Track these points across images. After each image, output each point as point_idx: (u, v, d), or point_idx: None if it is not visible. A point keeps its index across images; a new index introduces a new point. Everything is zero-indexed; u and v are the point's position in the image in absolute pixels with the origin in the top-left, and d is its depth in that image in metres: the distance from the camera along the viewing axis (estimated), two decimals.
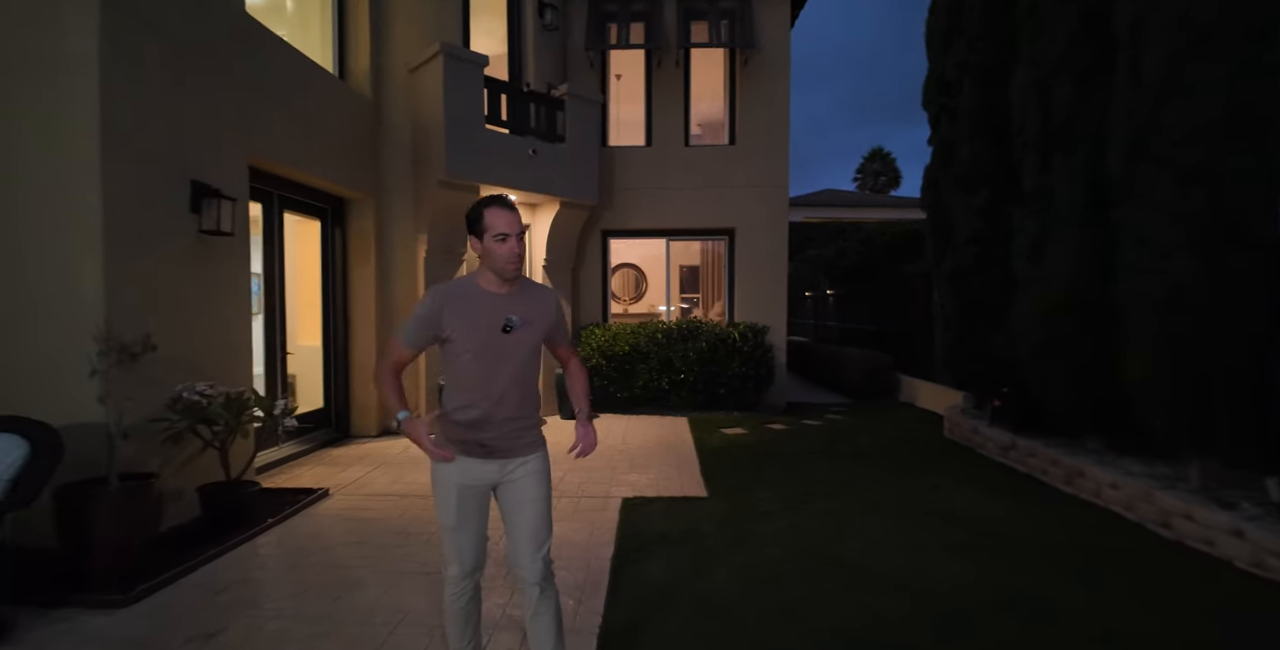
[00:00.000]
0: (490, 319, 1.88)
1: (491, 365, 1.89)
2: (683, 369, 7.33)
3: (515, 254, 1.87)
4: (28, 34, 3.26)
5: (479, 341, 1.88)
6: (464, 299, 1.90)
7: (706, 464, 5.22)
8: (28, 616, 2.68)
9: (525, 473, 1.97)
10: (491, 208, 1.86)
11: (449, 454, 1.87)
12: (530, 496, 1.98)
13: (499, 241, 1.84)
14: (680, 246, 9.41)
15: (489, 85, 6.27)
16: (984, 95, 5.61)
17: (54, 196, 3.28)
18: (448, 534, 1.97)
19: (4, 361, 3.30)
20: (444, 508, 1.95)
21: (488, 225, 1.84)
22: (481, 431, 1.90)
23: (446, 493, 1.94)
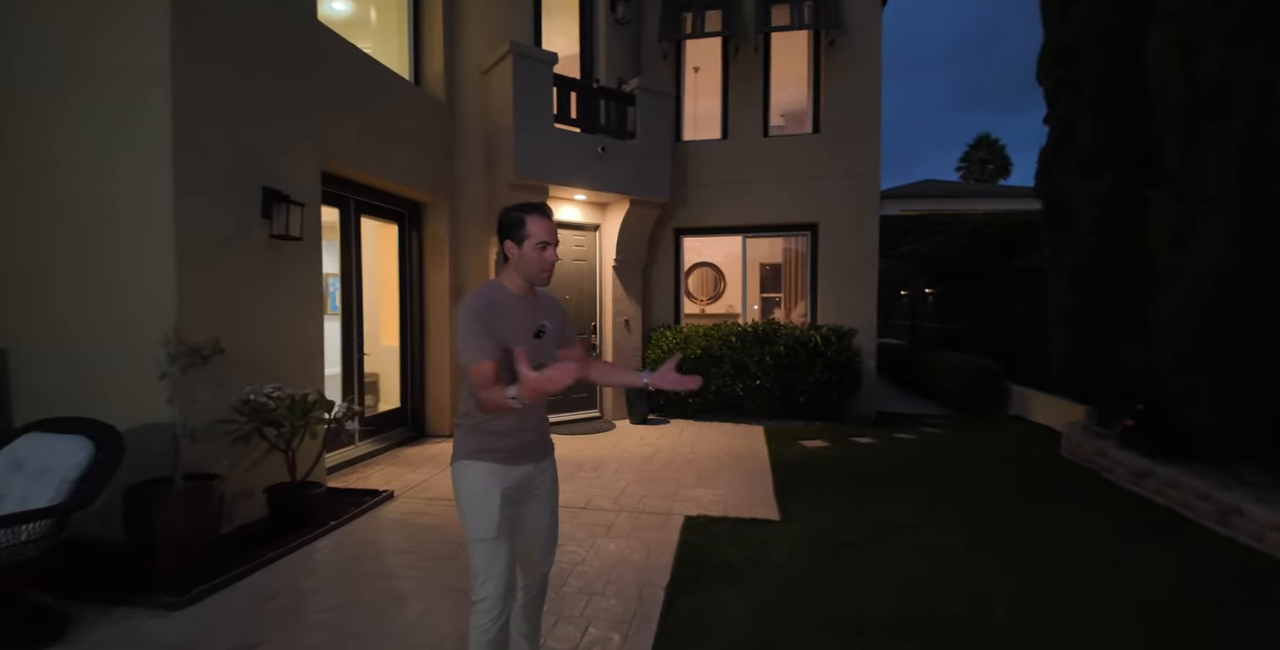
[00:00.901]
0: (526, 324, 1.90)
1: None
2: (758, 374, 6.89)
3: (550, 262, 1.90)
4: (103, 44, 3.40)
5: (519, 346, 1.79)
6: (503, 305, 1.89)
7: (781, 481, 4.79)
8: (91, 614, 2.74)
9: (549, 475, 2.09)
10: (534, 215, 1.87)
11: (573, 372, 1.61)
12: (551, 497, 2.10)
13: (540, 249, 1.87)
14: (762, 244, 8.94)
15: (558, 83, 6.14)
16: (1109, 63, 4.86)
17: (129, 202, 3.40)
18: (485, 547, 1.86)
19: (82, 362, 3.46)
20: (483, 518, 1.87)
21: (530, 232, 1.86)
22: (519, 437, 1.92)
23: (487, 501, 1.87)
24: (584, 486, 4.63)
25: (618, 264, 7.06)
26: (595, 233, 7.19)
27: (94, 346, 3.45)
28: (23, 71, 3.50)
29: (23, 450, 2.77)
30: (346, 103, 4.80)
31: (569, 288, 7.00)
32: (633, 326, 7.23)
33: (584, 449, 5.80)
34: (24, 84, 3.50)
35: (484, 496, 1.88)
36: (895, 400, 8.98)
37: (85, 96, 3.42)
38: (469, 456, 1.91)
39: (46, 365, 3.54)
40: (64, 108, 3.45)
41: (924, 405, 8.69)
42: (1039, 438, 6.42)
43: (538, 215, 1.87)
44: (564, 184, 6.20)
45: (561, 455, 5.45)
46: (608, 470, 5.08)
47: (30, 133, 3.49)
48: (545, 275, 1.91)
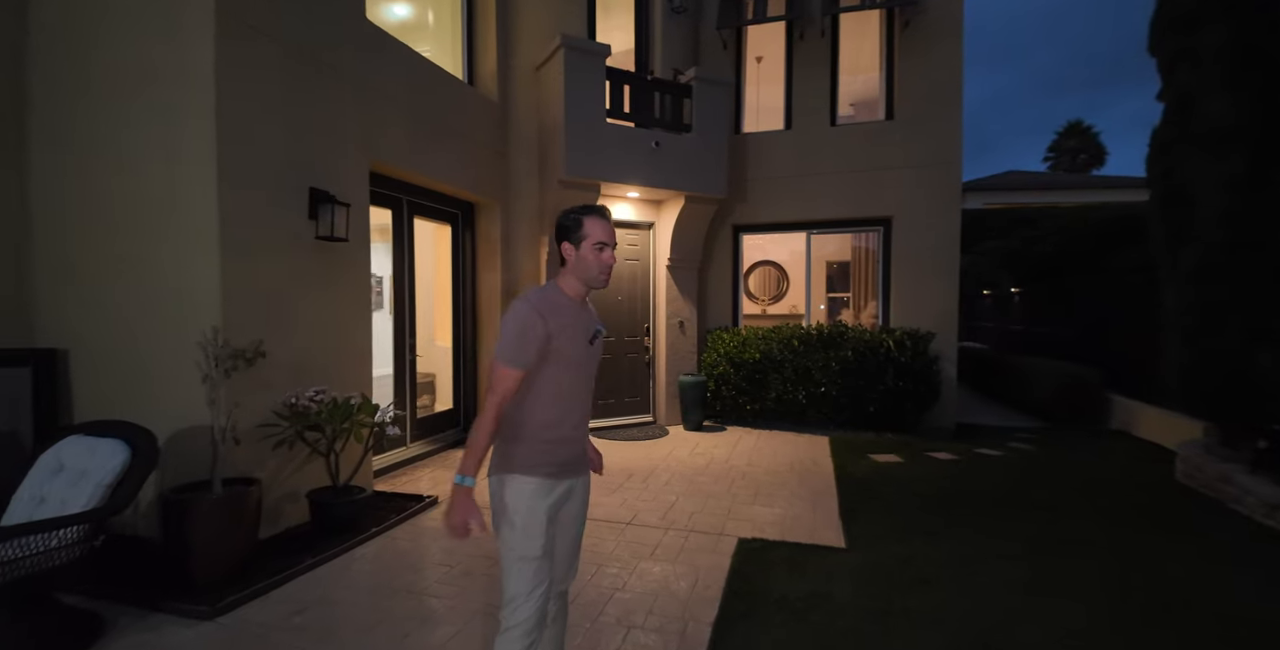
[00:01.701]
0: (581, 328, 1.85)
1: (585, 376, 1.90)
2: (823, 381, 6.42)
3: (610, 265, 1.86)
4: (149, 46, 3.41)
5: (576, 352, 1.84)
6: (561, 308, 1.82)
7: (848, 501, 4.36)
8: (127, 618, 2.72)
9: (583, 487, 1.98)
10: (592, 216, 1.85)
11: (465, 534, 1.73)
12: (581, 513, 1.99)
13: (598, 250, 1.83)
14: (829, 240, 8.44)
15: (611, 77, 5.91)
16: (1241, 27, 4.18)
17: (174, 204, 3.40)
18: (528, 568, 1.76)
19: (135, 364, 3.49)
20: (529, 537, 1.77)
21: (588, 233, 1.83)
22: (570, 447, 1.88)
23: (533, 518, 1.79)
24: (631, 498, 4.37)
25: (672, 263, 6.76)
26: (649, 231, 6.92)
27: (146, 348, 3.47)
28: (87, 79, 3.57)
29: (65, 452, 2.77)
30: (396, 103, 4.73)
31: (621, 288, 6.76)
32: (687, 328, 6.92)
33: (634, 456, 5.54)
34: (89, 90, 3.57)
35: (531, 513, 1.79)
36: (978, 410, 8.26)
37: (140, 101, 3.45)
38: (516, 470, 1.81)
39: (104, 366, 3.60)
40: (123, 112, 3.49)
41: (1011, 416, 7.94)
42: (1148, 458, 5.67)
43: (596, 216, 1.84)
44: (616, 181, 5.97)
45: (610, 462, 5.29)
46: (658, 481, 4.80)
47: (93, 137, 3.56)
48: (604, 278, 1.86)
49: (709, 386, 6.86)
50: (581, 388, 1.88)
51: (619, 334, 6.76)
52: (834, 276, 11.42)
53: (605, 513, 4.07)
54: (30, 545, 2.37)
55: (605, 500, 4.31)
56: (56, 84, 3.64)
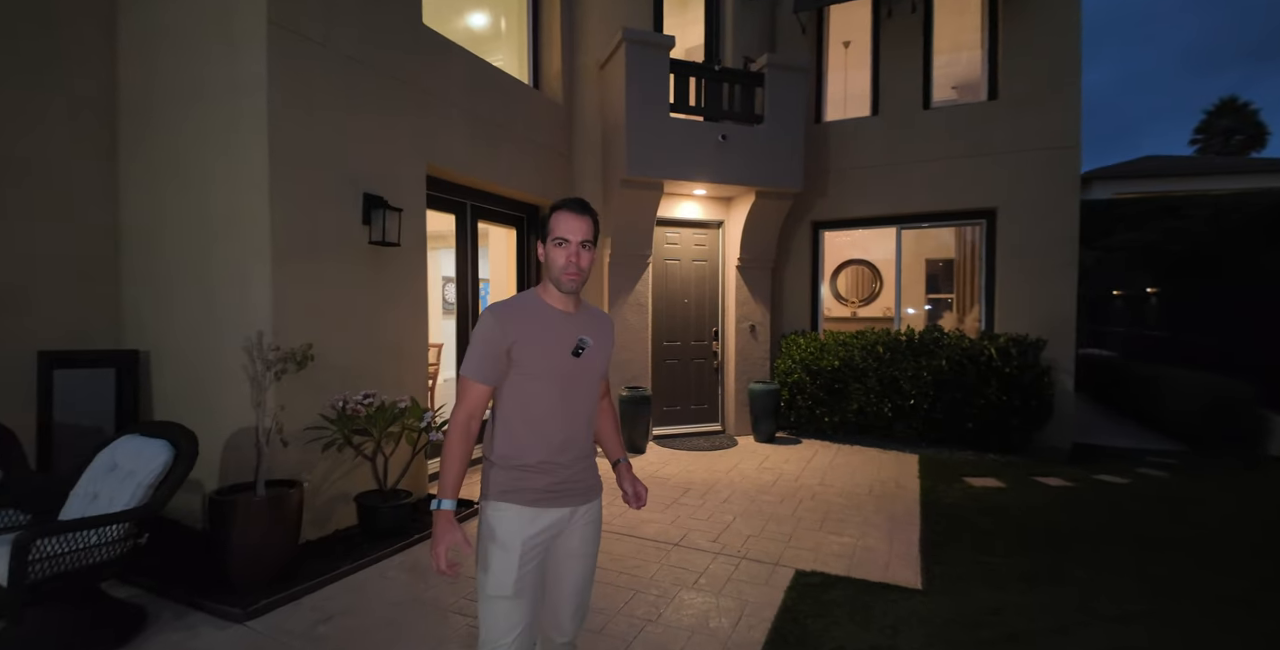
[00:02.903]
0: (560, 339, 1.64)
1: (564, 393, 1.64)
2: (912, 392, 5.79)
3: (571, 263, 1.61)
4: (207, 59, 3.54)
5: (550, 365, 1.62)
6: (530, 315, 1.64)
7: (932, 532, 3.81)
8: (168, 614, 2.78)
9: (586, 520, 1.71)
10: (559, 210, 1.64)
11: (449, 570, 1.54)
12: (582, 550, 1.71)
13: (556, 246, 1.62)
14: (931, 236, 7.71)
15: (676, 69, 5.63)
16: None
17: (232, 211, 3.51)
18: (499, 607, 1.56)
19: (200, 366, 3.64)
20: (500, 571, 1.56)
21: (550, 227, 1.64)
22: (552, 473, 1.63)
23: (507, 551, 1.57)
24: (684, 516, 4.07)
25: (742, 263, 6.37)
26: (717, 230, 6.57)
27: (209, 351, 3.60)
28: (160, 97, 3.78)
29: (119, 452, 2.87)
30: (454, 107, 4.71)
31: (688, 291, 6.46)
32: (759, 333, 6.50)
33: (696, 468, 5.22)
34: (159, 104, 3.77)
35: (504, 546, 1.58)
36: (1101, 429, 7.21)
37: (203, 115, 3.59)
38: (491, 495, 1.64)
39: (176, 368, 3.79)
40: (189, 127, 3.66)
41: (1142, 437, 6.85)
42: None
43: (563, 209, 1.64)
44: (680, 178, 5.68)
45: (669, 474, 5.00)
46: (716, 497, 4.45)
47: (165, 152, 3.76)
48: (568, 280, 1.62)
49: (782, 395, 6.41)
50: (565, 406, 1.64)
51: (684, 338, 6.46)
52: (938, 276, 10.52)
53: (654, 530, 3.80)
54: (76, 541, 2.44)
55: (656, 516, 4.04)
56: (136, 105, 3.89)
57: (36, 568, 2.30)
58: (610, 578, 3.15)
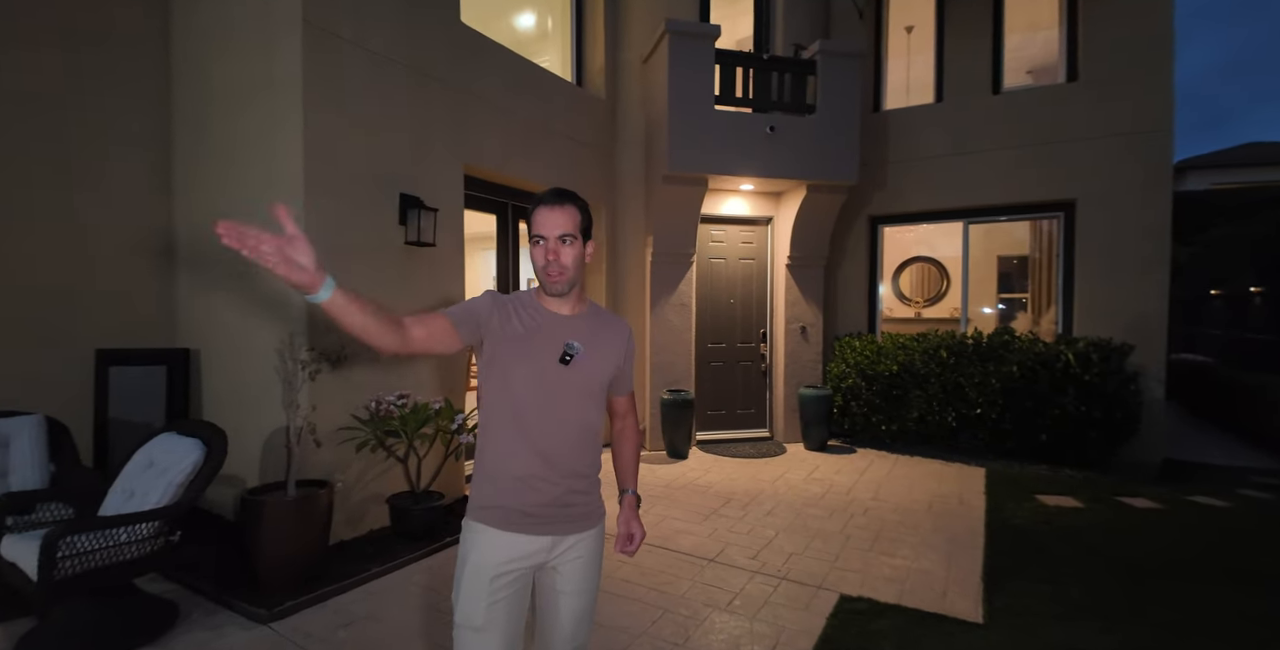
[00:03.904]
0: (547, 341, 1.47)
1: (546, 403, 1.47)
2: (979, 401, 5.35)
3: (551, 262, 1.44)
4: (248, 59, 3.59)
5: (531, 370, 1.46)
6: (522, 311, 1.49)
7: (997, 557, 3.45)
8: (199, 612, 2.80)
9: (575, 554, 1.52)
10: (538, 205, 1.48)
11: (266, 253, 1.10)
12: (575, 587, 1.52)
13: (534, 244, 1.47)
14: (1003, 231, 7.17)
15: (721, 60, 5.41)
16: None
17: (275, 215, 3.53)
18: (467, 637, 1.43)
19: (242, 365, 3.70)
20: (468, 600, 1.43)
21: (530, 224, 1.48)
22: (531, 492, 1.46)
23: (476, 578, 1.43)
24: (723, 529, 3.85)
25: (792, 261, 6.06)
26: (766, 227, 6.28)
27: (249, 351, 3.65)
28: (203, 94, 3.88)
29: (155, 449, 2.91)
30: (492, 107, 4.65)
31: (734, 290, 6.21)
32: (810, 335, 6.18)
33: (739, 477, 4.98)
34: (207, 105, 3.87)
35: (475, 571, 1.44)
36: (1195, 442, 6.50)
37: (242, 112, 3.65)
38: (470, 513, 1.52)
39: (221, 366, 3.88)
40: (231, 123, 3.74)
41: (1244, 453, 6.12)
42: None
43: (541, 204, 1.48)
44: (725, 173, 5.45)
45: (710, 482, 4.78)
46: (759, 510, 4.21)
47: (211, 148, 3.85)
48: (550, 281, 1.46)
49: (835, 401, 6.07)
50: (547, 416, 1.47)
51: (730, 340, 6.21)
52: (1011, 274, 9.84)
53: (689, 543, 3.60)
54: (107, 538, 2.48)
55: (693, 528, 3.84)
56: (187, 107, 4.00)
57: (68, 564, 2.34)
58: (638, 593, 2.98)
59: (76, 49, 3.64)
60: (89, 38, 3.69)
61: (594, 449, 1.56)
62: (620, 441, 1.72)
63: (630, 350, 1.62)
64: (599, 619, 2.74)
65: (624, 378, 1.64)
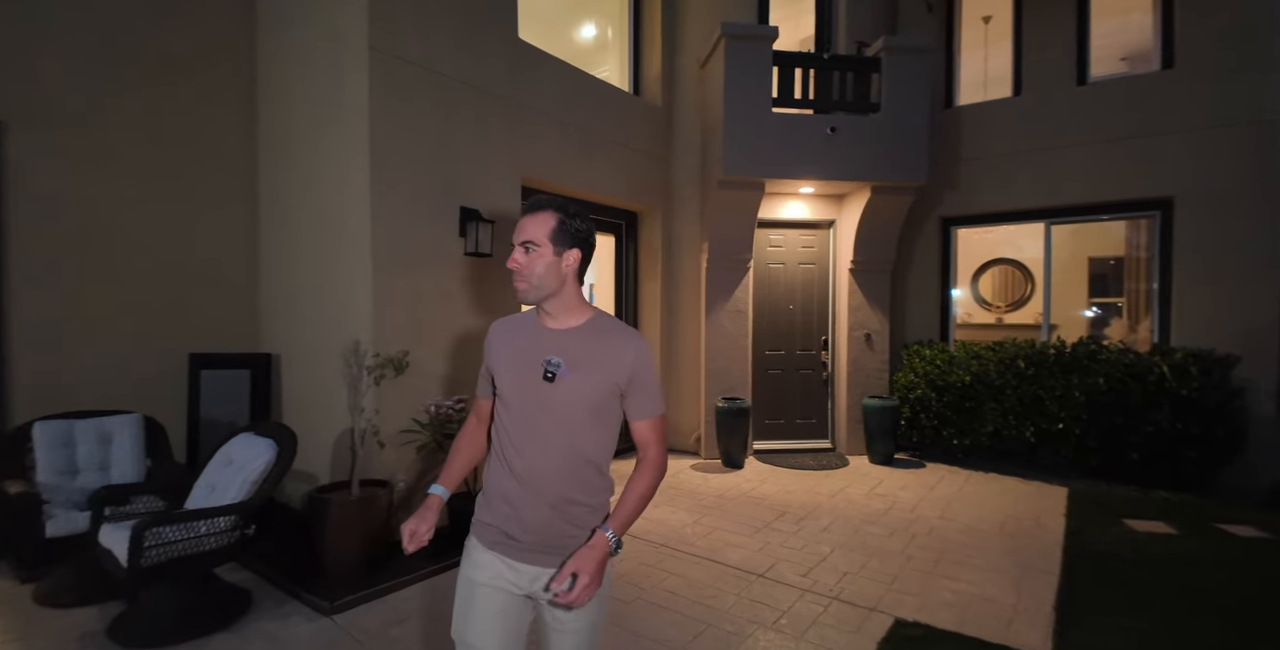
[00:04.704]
0: (530, 360, 1.42)
1: (530, 424, 1.40)
2: (1061, 415, 4.98)
3: (514, 272, 1.41)
4: (320, 83, 3.84)
5: (512, 387, 1.43)
6: (513, 332, 1.51)
7: (1074, 585, 3.19)
8: (269, 602, 2.99)
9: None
10: (521, 214, 1.44)
11: (407, 543, 1.42)
12: (570, 627, 1.42)
13: (512, 252, 1.43)
14: (1092, 231, 6.67)
15: (780, 61, 5.30)
16: None
17: (341, 225, 3.76)
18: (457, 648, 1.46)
19: (316, 370, 3.93)
20: (458, 613, 1.46)
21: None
22: (514, 516, 1.40)
23: (464, 591, 1.46)
24: (775, 543, 3.75)
25: (855, 266, 5.85)
26: (827, 230, 6.09)
27: (323, 356, 3.88)
28: (283, 115, 4.17)
29: (235, 448, 3.15)
30: (549, 118, 4.76)
31: (793, 296, 6.06)
32: (875, 342, 5.93)
33: (796, 489, 4.84)
34: (287, 125, 4.16)
35: (464, 585, 1.47)
36: None
37: (315, 132, 3.91)
38: (471, 527, 1.53)
39: (298, 370, 4.14)
40: (305, 143, 4.00)
41: None
42: None
43: (524, 211, 1.44)
44: (784, 176, 5.34)
45: (765, 494, 4.68)
46: (814, 525, 4.08)
47: (290, 165, 4.14)
48: (514, 288, 1.43)
49: (903, 412, 5.80)
50: (530, 435, 1.39)
51: (789, 347, 6.06)
52: (1106, 277, 9.12)
53: (738, 557, 3.53)
54: (189, 530, 2.70)
55: (743, 542, 3.77)
56: (270, 127, 4.31)
57: (154, 552, 2.56)
58: (681, 606, 2.95)
59: (180, 79, 4.00)
60: (192, 67, 4.05)
61: (589, 477, 1.43)
62: (632, 476, 1.45)
63: (639, 367, 1.42)
64: (638, 629, 2.74)
65: (638, 400, 1.44)
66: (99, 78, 3.69)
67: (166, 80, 3.95)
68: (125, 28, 3.78)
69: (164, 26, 3.93)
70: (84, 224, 3.65)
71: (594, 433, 1.42)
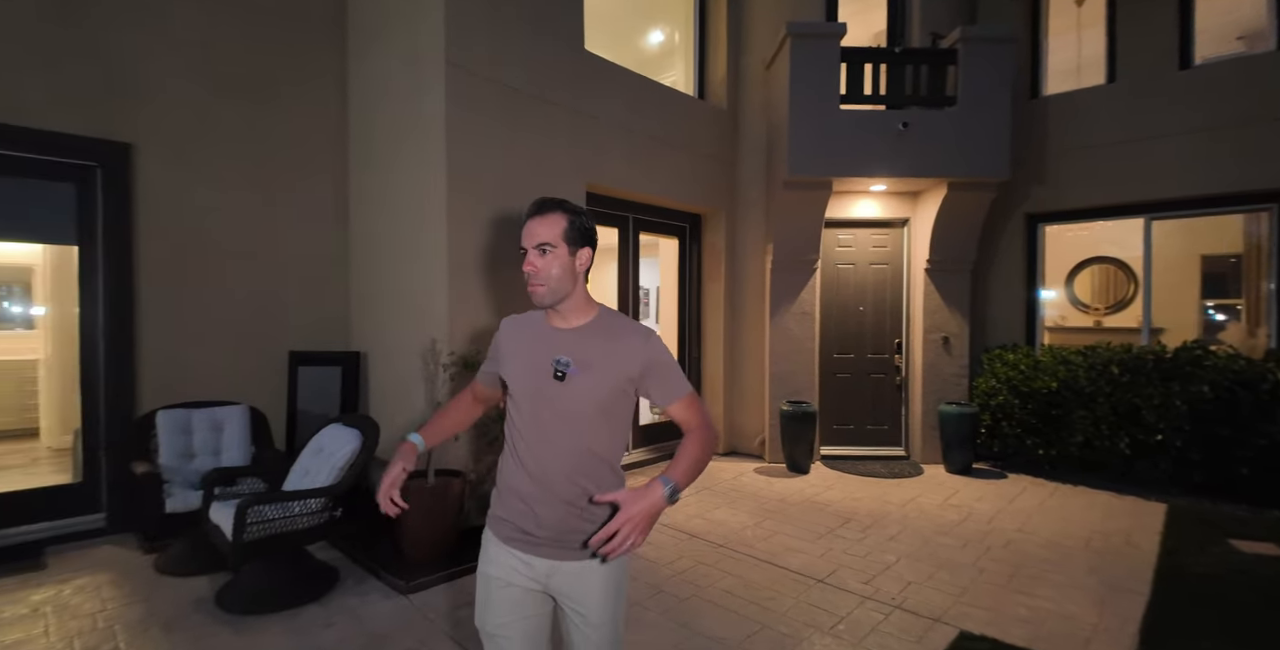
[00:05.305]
0: (540, 360, 1.45)
1: (541, 423, 1.43)
2: (1160, 425, 4.59)
3: (530, 274, 1.42)
4: (402, 99, 4.11)
5: (525, 388, 1.46)
6: (523, 330, 1.55)
7: (1164, 607, 2.94)
8: (352, 580, 3.24)
9: (585, 585, 1.42)
10: (525, 219, 1.47)
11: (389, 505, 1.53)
12: (589, 619, 1.43)
13: (522, 257, 1.45)
14: (1207, 227, 6.14)
15: (848, 58, 5.19)
16: None
17: (419, 232, 4.02)
18: (485, 643, 1.52)
19: (399, 366, 4.20)
20: (480, 605, 1.52)
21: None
22: (527, 512, 1.43)
23: (483, 584, 1.52)
24: (837, 550, 3.68)
25: (931, 266, 5.62)
26: (901, 229, 5.89)
27: (404, 354, 4.16)
28: (371, 144, 4.49)
29: (325, 437, 3.44)
30: (613, 126, 4.89)
31: (863, 297, 5.89)
32: (953, 346, 5.68)
33: (863, 497, 4.71)
34: (373, 139, 4.48)
35: (482, 578, 1.53)
36: None
37: (400, 147, 4.19)
38: (487, 522, 1.57)
39: (383, 367, 4.45)
40: (390, 155, 4.30)
41: None
42: None
43: (527, 218, 1.47)
44: (853, 175, 5.22)
45: (829, 500, 4.61)
46: (881, 533, 3.96)
47: (376, 176, 4.46)
48: (530, 291, 1.43)
49: (983, 420, 5.52)
50: (541, 434, 1.42)
51: (859, 350, 5.90)
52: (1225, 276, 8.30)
53: (798, 562, 3.50)
54: (284, 509, 2.98)
55: (805, 547, 3.72)
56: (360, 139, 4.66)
57: (255, 528, 2.84)
58: (736, 605, 2.97)
59: (279, 98, 4.40)
60: (290, 87, 4.45)
61: (602, 473, 1.44)
62: (683, 441, 1.45)
63: (651, 356, 1.43)
64: (693, 623, 2.78)
65: (660, 386, 1.45)
66: (209, 100, 4.10)
67: (267, 100, 4.35)
68: (232, 55, 4.18)
69: (265, 51, 4.33)
70: (196, 233, 4.07)
71: (605, 429, 1.44)
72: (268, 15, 4.33)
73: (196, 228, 4.07)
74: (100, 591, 3.05)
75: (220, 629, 2.72)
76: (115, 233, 3.78)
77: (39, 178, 3.65)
